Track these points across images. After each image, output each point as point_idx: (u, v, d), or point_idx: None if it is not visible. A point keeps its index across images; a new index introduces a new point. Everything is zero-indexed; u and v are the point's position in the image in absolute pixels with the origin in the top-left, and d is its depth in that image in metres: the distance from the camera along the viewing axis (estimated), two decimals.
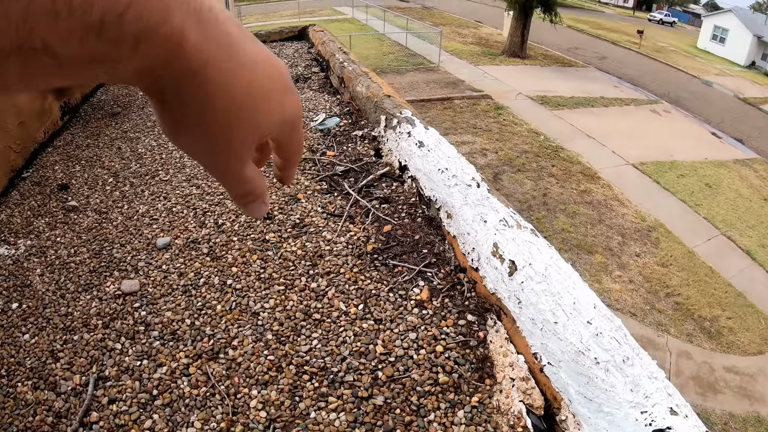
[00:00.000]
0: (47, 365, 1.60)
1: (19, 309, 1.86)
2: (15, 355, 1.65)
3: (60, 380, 1.54)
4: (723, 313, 12.33)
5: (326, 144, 2.86)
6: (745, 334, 11.85)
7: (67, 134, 3.42)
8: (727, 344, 11.49)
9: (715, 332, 11.71)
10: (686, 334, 11.59)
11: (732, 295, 12.99)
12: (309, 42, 5.43)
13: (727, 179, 19.59)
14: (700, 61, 44.54)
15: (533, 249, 1.59)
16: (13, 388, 1.53)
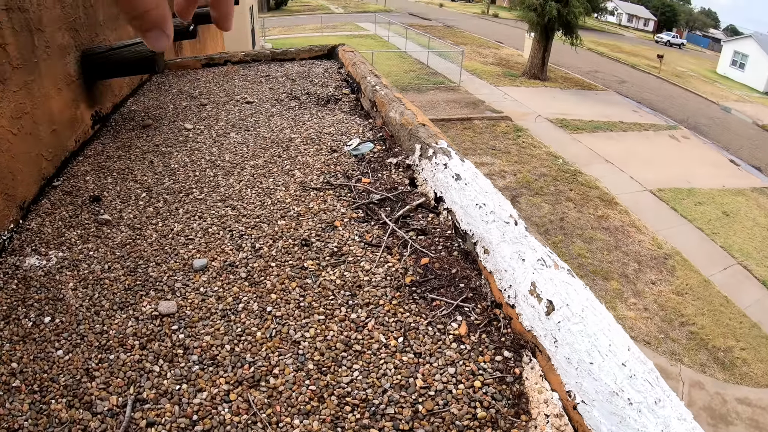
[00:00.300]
0: (82, 384, 1.60)
1: (51, 323, 1.86)
2: (48, 371, 1.65)
3: (96, 400, 1.54)
4: (737, 343, 12.21)
5: (361, 170, 2.89)
6: (759, 366, 11.73)
7: (98, 144, 3.45)
8: (740, 375, 11.38)
9: (729, 363, 11.60)
10: (700, 364, 11.49)
11: (746, 326, 12.87)
12: (339, 62, 5.48)
13: (744, 208, 19.45)
14: (719, 86, 44.37)
15: (570, 290, 1.61)
16: (46, 405, 1.53)
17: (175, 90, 4.67)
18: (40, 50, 3.00)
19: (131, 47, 3.72)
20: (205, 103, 4.22)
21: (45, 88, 3.06)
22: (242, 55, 5.74)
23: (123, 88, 4.45)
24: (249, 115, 3.93)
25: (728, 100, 38.11)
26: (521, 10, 29.22)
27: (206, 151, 3.30)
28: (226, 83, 4.84)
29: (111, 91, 4.14)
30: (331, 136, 3.43)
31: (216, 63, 5.63)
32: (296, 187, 2.76)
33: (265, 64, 5.59)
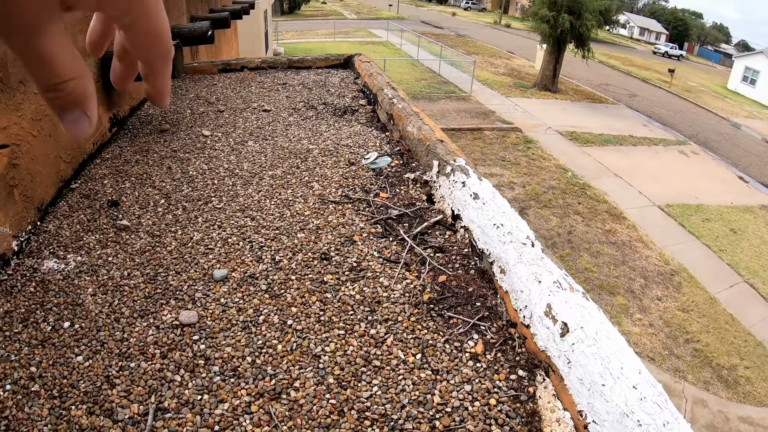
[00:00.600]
0: (103, 391, 1.62)
1: (71, 329, 1.87)
2: (68, 377, 1.66)
3: (117, 407, 1.56)
4: (741, 362, 12.20)
5: (379, 185, 2.93)
6: (763, 385, 11.71)
7: (116, 147, 3.48)
8: (743, 394, 11.36)
9: (733, 381, 11.59)
10: (703, 381, 11.48)
11: (751, 345, 12.85)
12: (355, 72, 5.52)
13: (752, 225, 19.41)
14: (729, 102, 44.30)
15: (585, 313, 1.64)
16: (66, 411, 1.54)
17: (192, 95, 4.72)
18: None
19: None
20: (223, 110, 4.27)
21: None
22: (259, 61, 5.79)
23: (140, 91, 4.50)
24: (266, 123, 3.97)
25: (738, 116, 38.07)
26: (534, 22, 29.31)
27: (224, 158, 3.34)
28: (243, 90, 4.89)
29: (128, 93, 4.19)
30: (349, 148, 3.46)
31: (233, 68, 5.68)
32: (315, 199, 2.79)
33: (282, 72, 5.64)
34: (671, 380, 11.21)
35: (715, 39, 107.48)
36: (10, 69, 2.53)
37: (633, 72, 47.43)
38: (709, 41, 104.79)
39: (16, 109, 2.60)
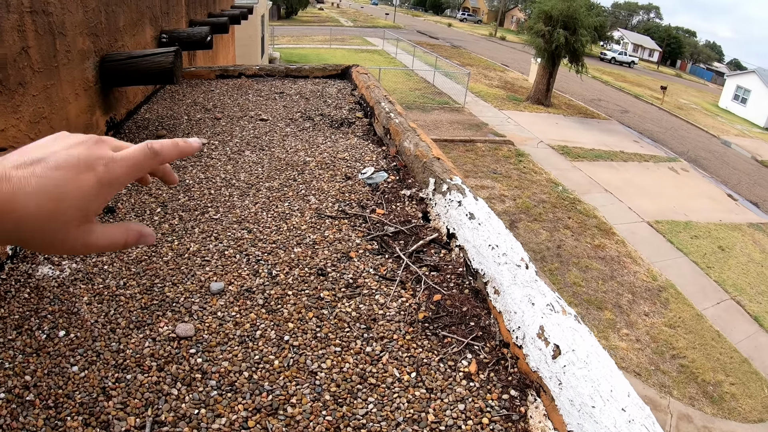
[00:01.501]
0: (99, 402, 1.60)
1: (66, 338, 1.86)
2: (63, 387, 1.65)
3: (113, 420, 1.55)
4: (727, 378, 12.30)
5: (375, 200, 2.95)
6: (747, 401, 11.81)
7: None
8: (728, 410, 11.45)
9: (718, 397, 11.67)
10: (689, 397, 11.56)
11: (737, 361, 12.96)
12: (352, 83, 5.55)
13: (740, 243, 19.59)
14: (720, 120, 44.72)
15: (577, 336, 1.67)
16: (62, 422, 1.53)
17: (189, 100, 4.73)
18: (60, 55, 3.06)
19: (151, 57, 3.78)
20: (220, 117, 4.28)
21: (63, 93, 3.12)
22: (256, 68, 5.82)
23: (137, 95, 4.52)
24: (263, 133, 3.98)
25: (729, 135, 38.44)
26: (529, 36, 29.51)
27: (221, 168, 3.35)
28: (240, 97, 4.91)
29: (126, 97, 4.21)
30: (345, 162, 3.48)
31: (230, 75, 5.70)
32: (311, 213, 2.81)
33: (279, 80, 5.67)
34: (657, 395, 11.28)
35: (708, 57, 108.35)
36: (9, 71, 2.54)
37: (625, 88, 47.78)
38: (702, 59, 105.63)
39: (14, 111, 2.61)
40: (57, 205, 0.61)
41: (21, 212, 0.59)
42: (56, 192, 0.61)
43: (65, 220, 0.63)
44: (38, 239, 0.62)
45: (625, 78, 55.25)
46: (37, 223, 0.60)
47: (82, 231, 0.66)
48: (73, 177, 0.63)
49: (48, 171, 0.62)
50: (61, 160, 0.63)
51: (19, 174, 0.60)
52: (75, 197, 0.63)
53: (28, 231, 0.61)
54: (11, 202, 0.58)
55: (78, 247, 0.66)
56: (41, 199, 0.60)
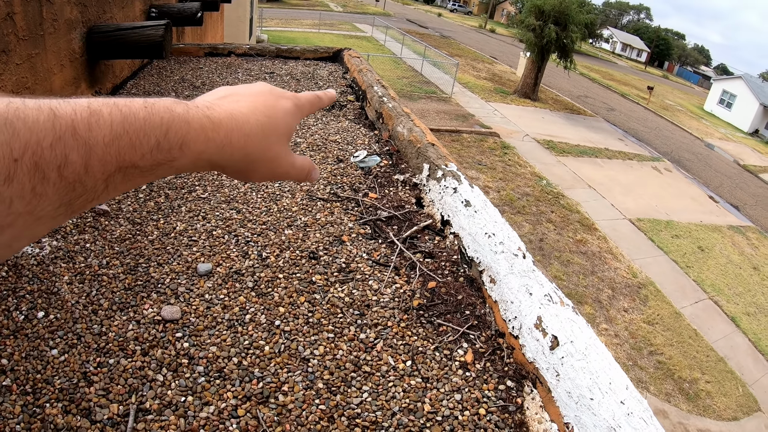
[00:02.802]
0: (80, 388, 1.52)
1: (45, 319, 1.76)
2: (42, 372, 1.56)
3: (95, 407, 1.47)
4: (702, 376, 12.46)
5: (368, 184, 2.89)
6: (722, 399, 11.98)
7: None
8: (703, 407, 11.61)
9: (693, 394, 11.82)
10: (665, 393, 11.69)
11: (713, 360, 13.13)
12: (344, 66, 5.48)
13: (719, 244, 19.83)
14: (705, 123, 45.22)
15: (575, 327, 1.64)
16: (40, 408, 1.45)
17: (177, 77, 4.63)
18: (47, 23, 2.96)
19: (140, 30, 3.68)
20: None
21: (48, 63, 3.03)
22: (246, 47, 5.72)
23: (124, 70, 4.41)
24: None
25: (713, 137, 38.88)
26: (520, 29, 29.50)
27: None
28: (229, 76, 4.81)
29: (112, 71, 4.11)
30: (337, 144, 3.42)
31: (219, 53, 5.59)
32: (302, 195, 2.74)
33: (269, 60, 5.57)
34: None
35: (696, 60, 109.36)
36: None
37: (613, 86, 48.08)
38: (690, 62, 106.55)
39: None
40: (270, 120, 0.69)
41: (245, 128, 0.65)
42: (266, 110, 0.69)
43: (278, 134, 0.70)
44: (259, 154, 0.67)
45: (612, 76, 55.56)
46: (257, 136, 0.66)
47: (288, 150, 0.74)
48: (274, 100, 0.72)
49: (251, 97, 0.70)
50: (258, 91, 0.72)
51: (226, 101, 0.67)
52: (282, 114, 0.71)
53: (251, 145, 0.65)
54: (233, 119, 0.63)
55: (286, 166, 0.73)
56: (257, 115, 0.67)
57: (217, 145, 0.61)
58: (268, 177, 0.72)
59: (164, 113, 0.54)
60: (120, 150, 0.49)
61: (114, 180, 0.50)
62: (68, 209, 0.48)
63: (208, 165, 0.62)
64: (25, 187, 0.42)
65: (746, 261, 19.23)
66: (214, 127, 0.60)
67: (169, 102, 0.57)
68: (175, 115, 0.56)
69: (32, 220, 0.44)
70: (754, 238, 21.55)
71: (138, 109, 0.52)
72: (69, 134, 0.45)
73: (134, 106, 0.52)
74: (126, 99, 0.52)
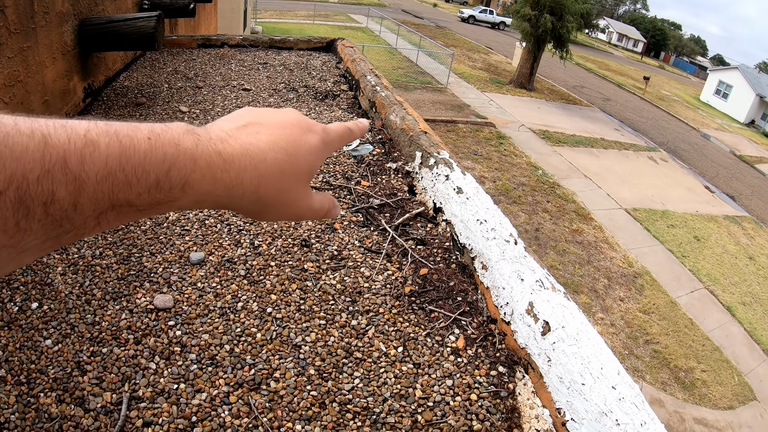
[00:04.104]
0: (73, 377, 1.53)
1: (39, 310, 1.77)
2: (36, 362, 1.57)
3: (89, 396, 1.48)
4: (698, 365, 12.50)
5: (360, 173, 2.89)
6: (718, 388, 12.02)
7: (89, 119, 3.37)
8: (699, 396, 11.66)
9: (689, 383, 11.87)
10: (661, 382, 11.74)
11: (709, 349, 13.17)
12: (337, 56, 5.46)
13: (715, 234, 19.87)
14: (701, 113, 45.24)
15: (567, 313, 1.64)
16: (34, 398, 1.46)
17: (170, 69, 4.62)
18: (38, 16, 2.94)
19: (132, 21, 3.66)
20: (201, 86, 4.18)
21: (40, 57, 3.01)
22: (240, 38, 5.70)
23: (116, 62, 4.39)
24: (246, 103, 3.89)
25: (709, 128, 38.92)
26: (515, 20, 29.41)
27: None
28: (222, 67, 4.80)
29: (105, 64, 4.09)
30: None
31: (212, 44, 5.57)
32: None
33: (263, 51, 5.55)
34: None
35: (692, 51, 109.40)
36: None
37: (608, 76, 48.02)
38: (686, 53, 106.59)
39: None
40: (291, 159, 0.62)
41: (260, 167, 0.59)
42: (288, 147, 0.62)
43: (298, 175, 0.64)
44: (273, 197, 0.61)
45: (608, 67, 55.48)
46: (273, 177, 0.60)
47: (307, 192, 0.67)
48: (299, 134, 0.65)
49: (274, 129, 0.63)
50: (285, 121, 0.65)
51: (245, 133, 0.60)
52: (305, 152, 0.64)
53: (265, 187, 0.60)
54: (247, 156, 0.58)
55: (303, 209, 0.68)
56: (276, 152, 0.61)
57: (225, 186, 0.56)
58: (282, 219, 0.68)
59: (169, 147, 0.50)
60: (114, 187, 0.46)
61: (106, 217, 0.47)
62: (55, 242, 0.46)
63: (214, 205, 0.58)
64: (9, 222, 0.40)
65: (742, 251, 19.28)
66: (224, 166, 0.55)
67: (179, 132, 0.52)
68: (180, 151, 0.51)
69: (16, 252, 0.43)
70: (749, 228, 21.61)
71: (140, 141, 0.48)
72: (58, 167, 0.42)
73: (137, 136, 0.48)
74: (131, 126, 0.49)
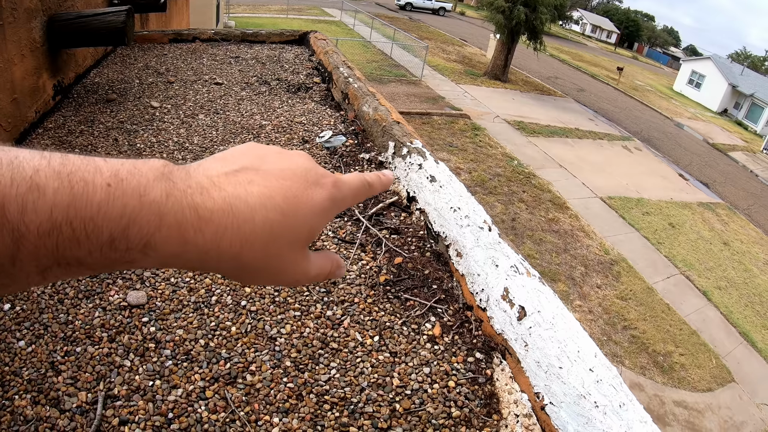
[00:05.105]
0: (48, 378, 1.51)
1: (11, 311, 1.74)
2: (10, 364, 1.54)
3: (63, 396, 1.46)
4: (676, 349, 12.65)
5: (333, 164, 2.87)
6: (696, 371, 12.18)
7: (59, 116, 3.31)
8: (678, 379, 11.80)
9: (668, 367, 12.01)
10: (640, 366, 11.86)
11: (686, 333, 13.34)
12: (310, 49, 5.43)
13: (690, 221, 20.10)
14: (674, 103, 45.73)
15: (542, 297, 1.65)
16: (9, 401, 1.43)
17: (141, 64, 4.56)
18: (6, 12, 2.88)
19: (101, 16, 3.61)
20: (173, 81, 4.13)
21: (8, 54, 2.95)
22: (211, 33, 5.64)
23: (87, 59, 4.33)
24: (218, 96, 3.86)
25: (682, 117, 39.37)
26: (489, 12, 29.43)
27: (173, 131, 3.22)
28: (194, 61, 4.75)
29: (74, 60, 4.02)
30: (303, 125, 3.39)
31: (184, 39, 5.51)
32: None
33: (235, 45, 5.51)
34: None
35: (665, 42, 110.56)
36: None
37: (582, 67, 48.35)
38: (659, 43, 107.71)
39: None
40: (286, 220, 0.51)
41: (244, 228, 0.48)
42: (284, 204, 0.51)
43: (293, 239, 0.52)
44: (259, 264, 0.51)
45: (582, 57, 55.83)
46: (260, 241, 0.49)
47: (305, 255, 0.56)
48: (302, 189, 0.53)
49: (272, 180, 0.51)
50: (288, 169, 0.54)
51: (234, 181, 0.49)
52: (306, 212, 0.53)
53: (249, 253, 0.49)
54: (230, 213, 0.47)
55: (297, 276, 0.56)
56: (268, 211, 0.49)
57: (198, 250, 0.46)
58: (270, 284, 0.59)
59: (131, 199, 0.42)
60: (59, 243, 0.39)
61: (53, 273, 0.41)
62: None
63: (184, 267, 0.48)
64: None
65: (716, 236, 19.54)
66: (198, 225, 0.45)
67: (148, 178, 0.44)
68: (145, 204, 0.42)
69: None
70: (723, 215, 21.91)
71: (96, 188, 0.40)
72: None
73: (95, 181, 0.40)
74: (92, 165, 0.41)
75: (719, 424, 11.10)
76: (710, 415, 11.18)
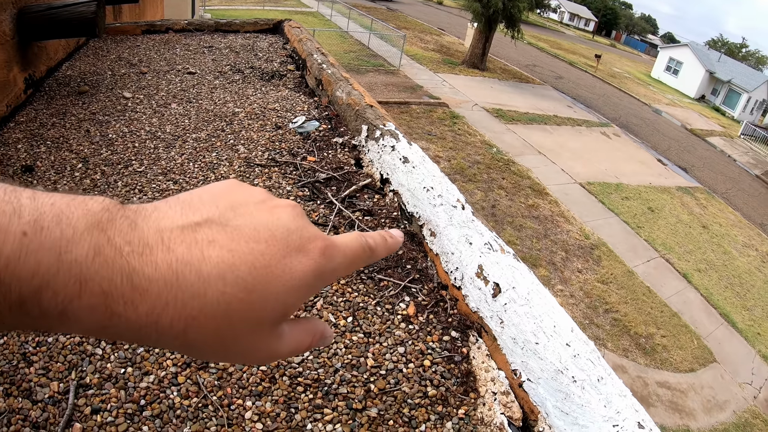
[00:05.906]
0: (19, 370, 1.48)
1: None
2: None
3: (35, 387, 1.44)
4: (658, 331, 12.81)
5: (306, 148, 2.85)
6: (678, 352, 12.34)
7: (31, 110, 3.26)
8: (660, 361, 11.95)
9: (650, 349, 12.15)
10: (622, 349, 11.99)
11: (667, 315, 13.51)
12: (284, 37, 5.39)
13: (669, 205, 20.32)
14: (652, 89, 46.15)
15: (516, 273, 1.64)
16: None
17: (113, 56, 4.50)
18: None
19: (72, 8, 3.55)
20: (145, 72, 4.08)
21: None
22: (185, 23, 5.58)
23: (58, 51, 4.26)
24: (191, 86, 3.82)
25: (660, 103, 39.75)
26: (466, 0, 29.42)
27: (146, 121, 3.19)
28: (167, 52, 4.69)
29: (46, 53, 3.96)
30: (276, 112, 3.37)
31: (157, 30, 5.44)
32: (240, 162, 2.69)
33: (208, 35, 5.45)
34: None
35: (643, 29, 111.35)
36: None
37: (561, 55, 48.57)
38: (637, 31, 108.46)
39: None
40: (249, 298, 0.41)
41: (191, 305, 0.38)
42: (250, 278, 0.41)
43: (257, 321, 0.42)
44: (210, 347, 0.42)
45: (560, 45, 56.07)
46: (211, 323, 0.40)
47: (274, 335, 0.45)
48: (279, 257, 0.43)
49: (240, 241, 0.41)
50: (263, 227, 0.43)
51: (189, 240, 0.40)
52: (279, 289, 0.42)
53: (196, 335, 0.40)
54: (174, 285, 0.38)
55: (262, 357, 0.46)
56: (226, 285, 0.39)
57: (130, 326, 0.38)
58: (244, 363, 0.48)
59: (47, 255, 0.34)
60: None
61: None
62: None
63: (120, 339, 0.40)
64: None
65: (695, 220, 19.78)
66: (131, 296, 0.37)
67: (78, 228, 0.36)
68: (64, 263, 0.35)
69: None
70: (702, 198, 22.18)
71: (9, 237, 0.33)
72: None
73: (10, 228, 0.34)
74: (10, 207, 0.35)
75: (702, 404, 11.26)
76: (693, 395, 11.35)
